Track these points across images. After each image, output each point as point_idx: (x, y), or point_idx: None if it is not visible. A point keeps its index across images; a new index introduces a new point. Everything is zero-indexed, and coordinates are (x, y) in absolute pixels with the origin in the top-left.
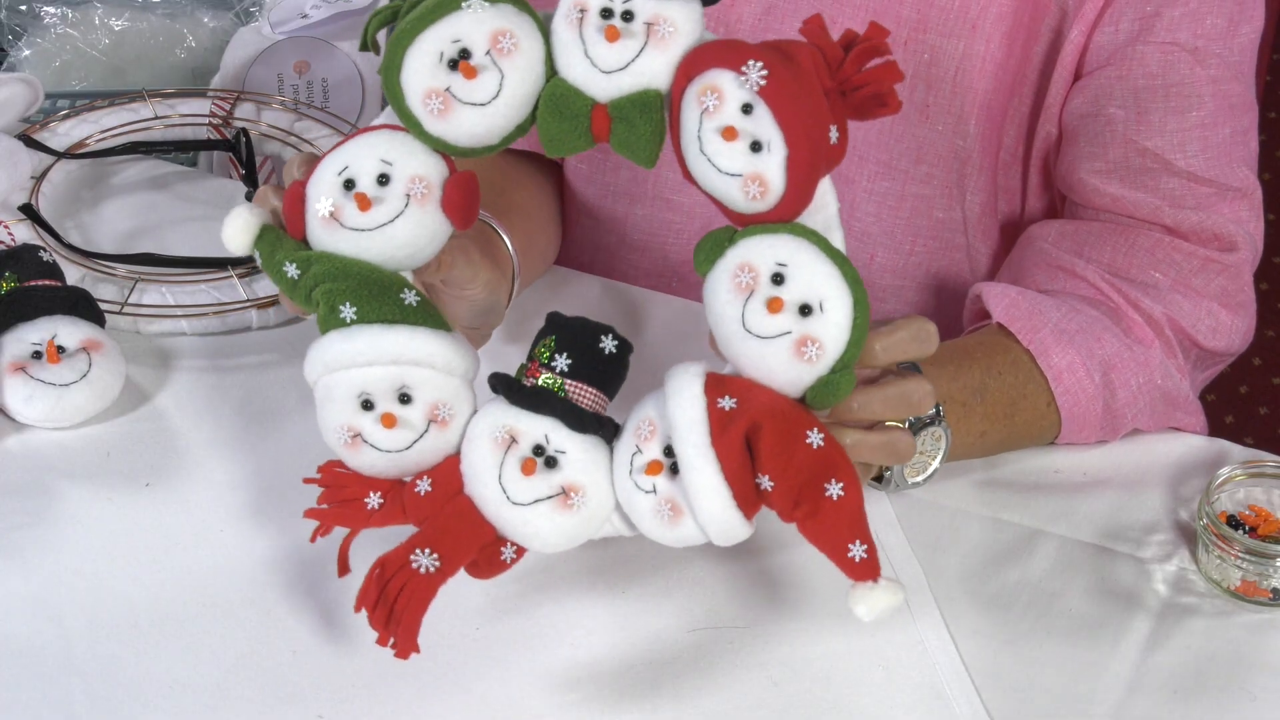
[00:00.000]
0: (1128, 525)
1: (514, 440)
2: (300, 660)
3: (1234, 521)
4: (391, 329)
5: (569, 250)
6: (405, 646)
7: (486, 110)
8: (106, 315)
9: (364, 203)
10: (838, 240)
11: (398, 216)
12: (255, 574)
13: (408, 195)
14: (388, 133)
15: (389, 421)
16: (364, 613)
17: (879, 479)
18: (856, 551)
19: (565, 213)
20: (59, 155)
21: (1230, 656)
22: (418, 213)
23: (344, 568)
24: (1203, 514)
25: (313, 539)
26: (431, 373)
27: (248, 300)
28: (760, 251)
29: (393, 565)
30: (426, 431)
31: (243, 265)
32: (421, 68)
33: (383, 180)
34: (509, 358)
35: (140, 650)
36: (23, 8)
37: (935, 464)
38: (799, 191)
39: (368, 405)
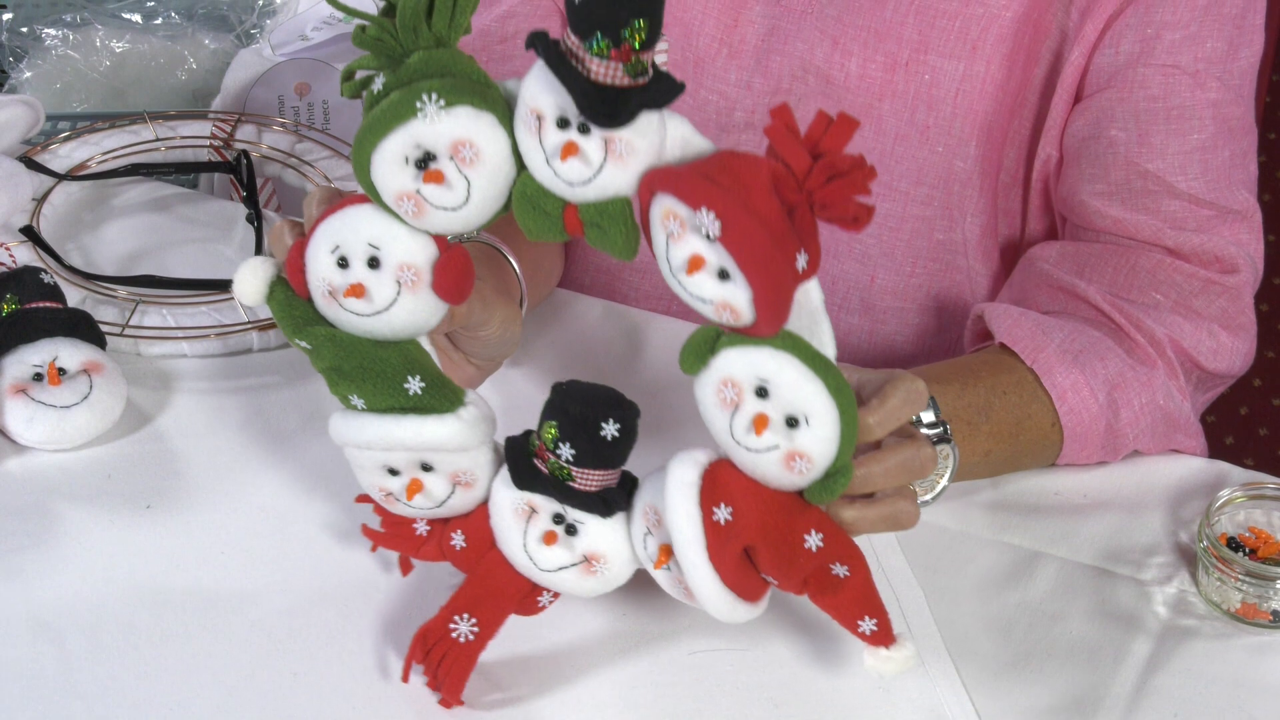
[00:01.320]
0: (1128, 547)
1: (534, 510)
2: (300, 682)
3: (1234, 544)
4: (400, 421)
5: (570, 271)
6: (451, 701)
7: (459, 214)
8: (107, 337)
9: (358, 292)
10: (825, 331)
11: (392, 304)
12: (256, 596)
13: (399, 283)
14: (373, 209)
15: (414, 488)
16: (363, 636)
17: None
18: (866, 626)
19: None
20: (60, 177)
21: (1230, 679)
22: (410, 299)
23: (407, 567)
24: (1203, 536)
25: (373, 549)
26: (446, 453)
27: (249, 322)
28: (742, 367)
29: (434, 635)
30: (452, 494)
31: None
32: (389, 171)
33: (373, 264)
34: (511, 381)
35: (141, 672)
36: (24, 30)
37: (944, 482)
38: (772, 320)
39: (394, 472)
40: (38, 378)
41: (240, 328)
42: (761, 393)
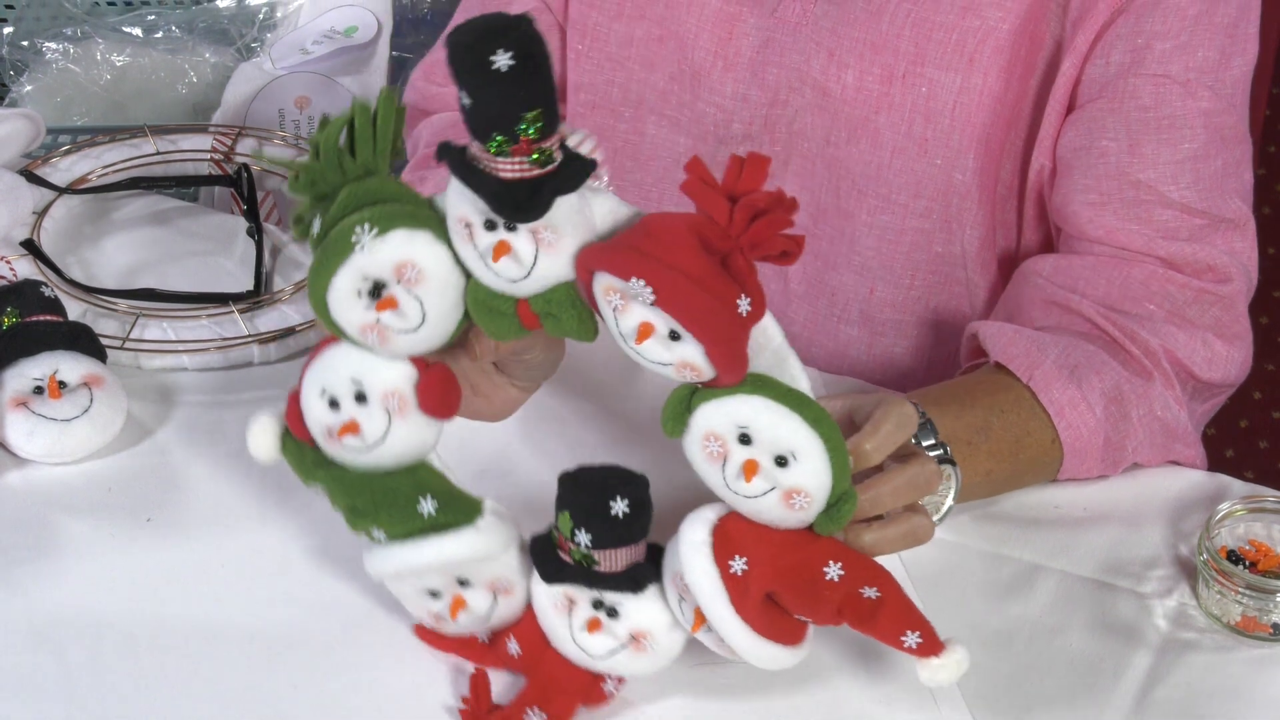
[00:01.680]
0: (1128, 560)
1: (572, 602)
2: (300, 694)
3: (1234, 557)
4: (419, 545)
5: None
6: None
7: (420, 334)
8: (108, 350)
9: (352, 429)
10: (794, 365)
11: (386, 434)
12: (255, 608)
13: (387, 411)
14: (347, 348)
15: (458, 606)
16: (362, 648)
17: None
18: (911, 640)
19: None
20: (61, 190)
21: (1230, 692)
22: (402, 425)
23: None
24: (1203, 549)
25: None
26: (475, 564)
27: (249, 335)
28: (719, 419)
29: None
30: (495, 603)
31: (244, 300)
32: (346, 307)
33: (360, 398)
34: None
35: (141, 684)
36: (25, 43)
37: (949, 502)
38: (731, 368)
39: (435, 594)
40: (38, 391)
41: (240, 341)
42: (745, 439)
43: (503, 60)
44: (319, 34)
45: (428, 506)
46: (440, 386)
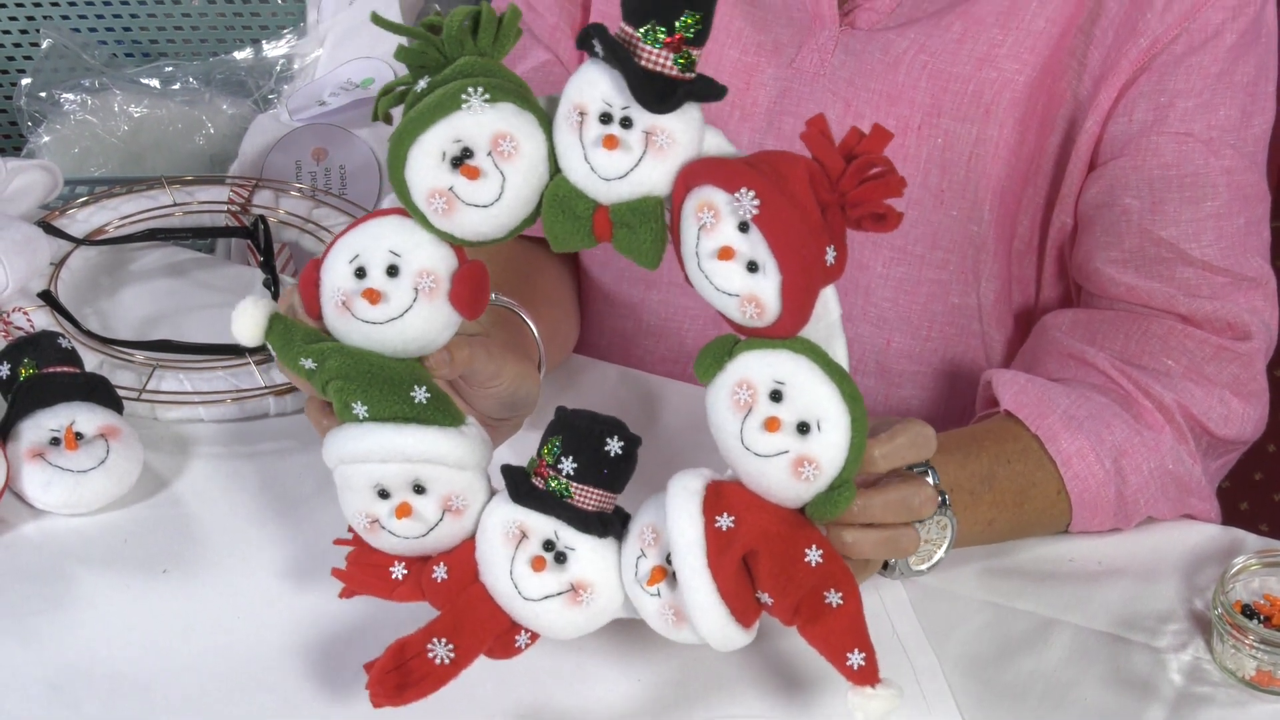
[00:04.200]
0: (1143, 614)
1: (524, 535)
2: None
3: (1249, 611)
4: (402, 429)
5: (585, 336)
6: (390, 703)
7: (489, 211)
8: (124, 402)
9: (374, 297)
10: (839, 348)
11: (407, 311)
12: (272, 660)
13: (416, 289)
14: (396, 220)
15: (404, 511)
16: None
17: (885, 565)
18: (855, 659)
19: (582, 297)
20: (78, 242)
21: None
22: (426, 307)
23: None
24: (1218, 603)
25: (341, 595)
26: (444, 469)
27: (265, 387)
28: (759, 368)
29: (411, 649)
30: (441, 520)
31: (260, 353)
32: (424, 167)
33: (392, 271)
34: (525, 441)
35: None
36: (43, 94)
37: (940, 553)
38: (796, 313)
39: (384, 494)
40: (55, 442)
41: (256, 393)
42: (776, 396)
43: None
44: (336, 86)
45: (420, 395)
46: (476, 281)
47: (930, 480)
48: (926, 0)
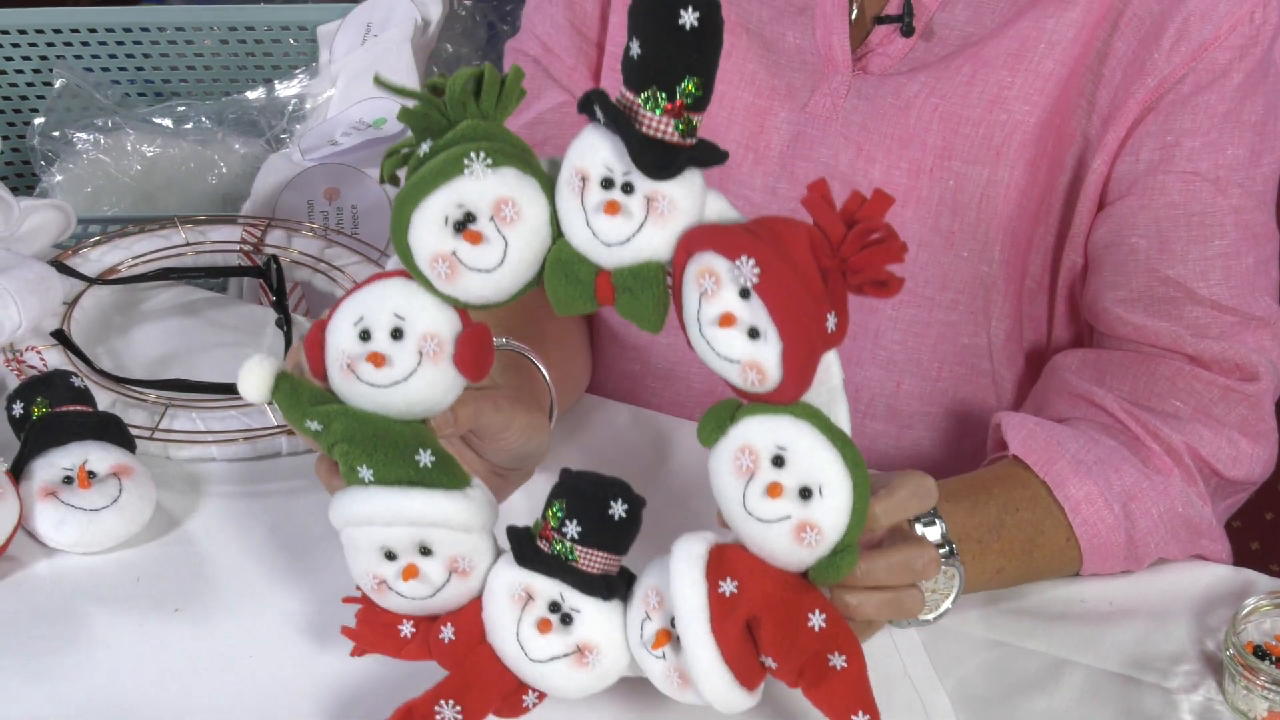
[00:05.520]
0: (1154, 655)
1: (530, 597)
2: None
3: (1260, 652)
4: (407, 493)
5: (594, 376)
6: None
7: (492, 276)
8: (137, 440)
9: (378, 360)
10: (841, 412)
11: (411, 374)
12: (283, 699)
13: (420, 353)
14: (401, 283)
15: (411, 573)
16: None
17: None
18: None
19: (592, 339)
20: (91, 281)
21: None
22: (431, 370)
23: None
24: (1229, 644)
25: (353, 654)
26: (449, 531)
27: (277, 426)
28: (761, 434)
29: (419, 713)
30: (448, 582)
31: None
32: (427, 231)
33: (396, 335)
34: (533, 487)
35: None
36: (55, 134)
37: (947, 603)
38: (797, 380)
39: (390, 556)
40: (68, 481)
41: (269, 432)
42: (778, 462)
43: (690, 18)
44: (348, 125)
45: (425, 459)
46: (480, 343)
47: (938, 529)
48: (938, 44)
